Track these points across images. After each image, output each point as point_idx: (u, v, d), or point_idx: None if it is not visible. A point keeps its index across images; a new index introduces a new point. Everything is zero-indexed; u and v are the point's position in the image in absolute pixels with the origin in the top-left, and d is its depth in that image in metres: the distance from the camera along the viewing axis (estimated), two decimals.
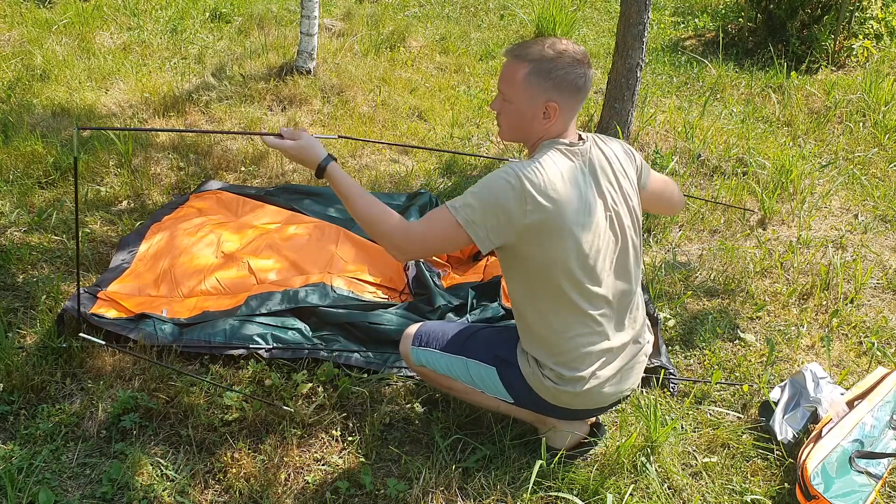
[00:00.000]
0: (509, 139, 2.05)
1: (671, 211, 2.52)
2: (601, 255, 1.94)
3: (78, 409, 2.29)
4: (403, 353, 2.24)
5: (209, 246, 3.09)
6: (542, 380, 2.00)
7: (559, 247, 1.88)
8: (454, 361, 2.14)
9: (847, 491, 2.05)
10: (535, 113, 1.93)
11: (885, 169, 4.25)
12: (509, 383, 2.08)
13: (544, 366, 2.00)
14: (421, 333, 2.22)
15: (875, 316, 3.00)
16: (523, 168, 1.86)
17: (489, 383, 2.11)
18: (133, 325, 2.57)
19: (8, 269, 2.94)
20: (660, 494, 2.09)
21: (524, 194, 1.83)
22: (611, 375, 2.01)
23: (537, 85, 1.90)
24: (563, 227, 1.87)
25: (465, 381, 2.14)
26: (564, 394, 2.00)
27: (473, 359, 2.12)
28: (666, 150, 4.27)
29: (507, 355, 2.08)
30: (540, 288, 1.94)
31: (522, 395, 2.08)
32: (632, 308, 2.07)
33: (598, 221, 1.93)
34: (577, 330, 1.96)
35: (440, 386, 2.26)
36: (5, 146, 3.84)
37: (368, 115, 4.69)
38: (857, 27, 5.89)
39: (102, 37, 5.66)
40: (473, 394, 2.17)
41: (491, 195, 1.86)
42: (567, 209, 1.86)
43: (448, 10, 7.28)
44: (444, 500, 2.06)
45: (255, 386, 2.41)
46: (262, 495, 2.04)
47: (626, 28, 4.01)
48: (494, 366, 2.09)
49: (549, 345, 1.98)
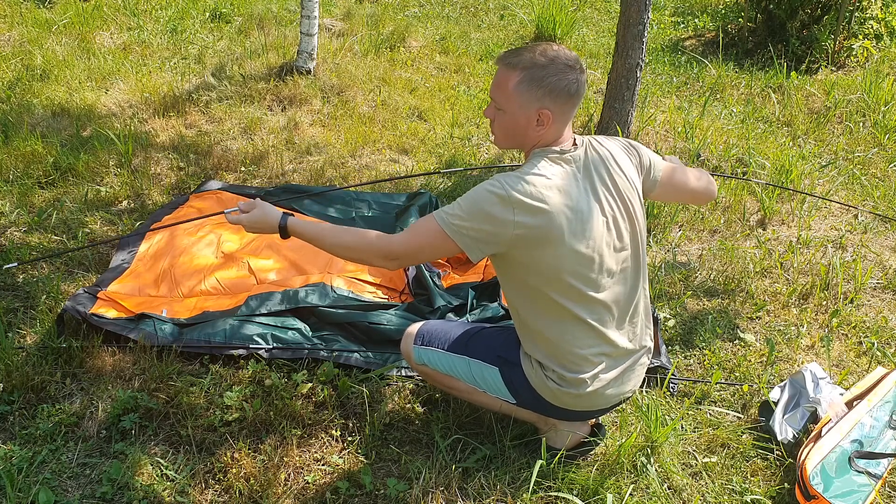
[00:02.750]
0: (505, 146, 2.05)
1: (699, 201, 2.38)
2: (598, 260, 1.92)
3: (78, 409, 2.29)
4: (405, 352, 2.24)
5: (209, 246, 3.09)
6: (546, 381, 2.00)
7: (552, 255, 1.87)
8: (457, 361, 2.14)
9: (846, 491, 2.05)
10: (529, 121, 1.90)
11: (884, 169, 4.25)
12: (512, 384, 2.08)
13: (547, 367, 1.99)
14: (423, 332, 2.21)
15: (875, 316, 3.00)
16: (511, 179, 1.86)
17: (491, 383, 2.11)
18: (133, 325, 2.57)
19: (8, 269, 2.94)
20: (660, 494, 2.09)
21: (511, 205, 1.82)
22: (613, 378, 2.01)
23: (529, 93, 1.87)
24: (555, 236, 1.85)
25: (468, 380, 2.14)
26: (566, 395, 2.00)
27: (476, 359, 2.12)
28: (666, 150, 4.27)
29: (509, 356, 2.08)
30: (536, 295, 1.93)
31: (525, 395, 2.08)
32: (634, 311, 2.05)
33: (595, 227, 1.91)
34: (575, 335, 1.95)
35: (441, 385, 2.26)
36: (5, 146, 3.84)
37: (368, 115, 4.69)
38: (857, 27, 5.89)
39: (102, 37, 5.66)
40: (475, 394, 2.17)
41: (477, 205, 1.85)
42: (558, 217, 1.85)
43: (448, 10, 7.28)
44: (444, 500, 2.06)
45: (255, 386, 2.41)
46: (262, 495, 2.04)
47: (626, 28, 4.01)
48: (497, 366, 2.09)
49: (549, 348, 1.98)
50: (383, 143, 4.37)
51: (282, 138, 4.29)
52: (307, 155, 4.16)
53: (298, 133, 4.40)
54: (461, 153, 4.26)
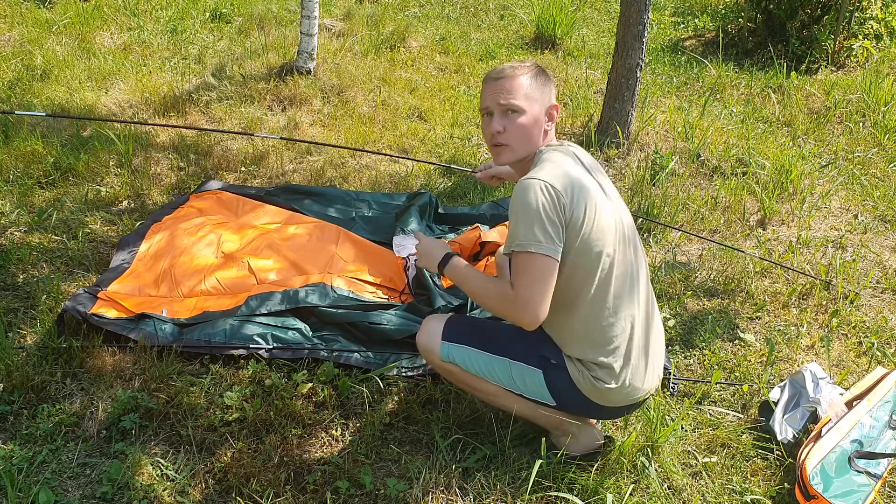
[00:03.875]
0: (514, 157, 2.06)
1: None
2: (617, 237, 1.98)
3: (78, 409, 2.29)
4: (426, 348, 2.12)
5: (209, 246, 3.09)
6: (594, 382, 1.98)
7: (590, 231, 1.91)
8: (496, 363, 2.06)
9: (846, 491, 2.05)
10: (542, 118, 2.05)
11: (884, 169, 4.25)
12: (555, 386, 2.03)
13: (589, 364, 1.98)
14: (451, 328, 2.11)
15: (875, 316, 3.00)
16: (541, 176, 1.89)
17: (531, 386, 2.05)
18: (133, 325, 2.57)
19: (8, 269, 2.94)
20: (660, 494, 2.09)
21: (556, 196, 1.87)
22: (643, 365, 2.02)
23: (543, 89, 2.04)
24: (585, 215, 1.90)
25: (506, 383, 2.07)
26: (608, 390, 1.98)
27: (518, 360, 2.05)
28: (666, 150, 4.27)
29: (553, 357, 2.03)
30: (576, 276, 1.94)
31: (567, 398, 2.03)
32: (646, 288, 2.08)
33: (604, 205, 1.98)
34: (609, 316, 1.96)
35: (465, 385, 2.16)
36: (5, 146, 3.85)
37: (368, 115, 4.69)
38: (857, 27, 5.89)
39: (102, 37, 5.66)
40: (502, 396, 2.10)
41: (534, 212, 1.86)
42: (583, 198, 1.91)
43: (448, 10, 7.29)
44: (444, 500, 2.06)
45: (255, 386, 2.41)
46: (262, 495, 2.04)
47: (626, 28, 4.01)
48: (541, 369, 2.03)
49: (586, 336, 1.97)
50: (383, 143, 4.37)
51: None
52: (307, 155, 4.16)
53: (298, 133, 4.40)
54: (461, 153, 4.26)
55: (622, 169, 4.11)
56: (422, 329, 2.15)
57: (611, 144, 4.24)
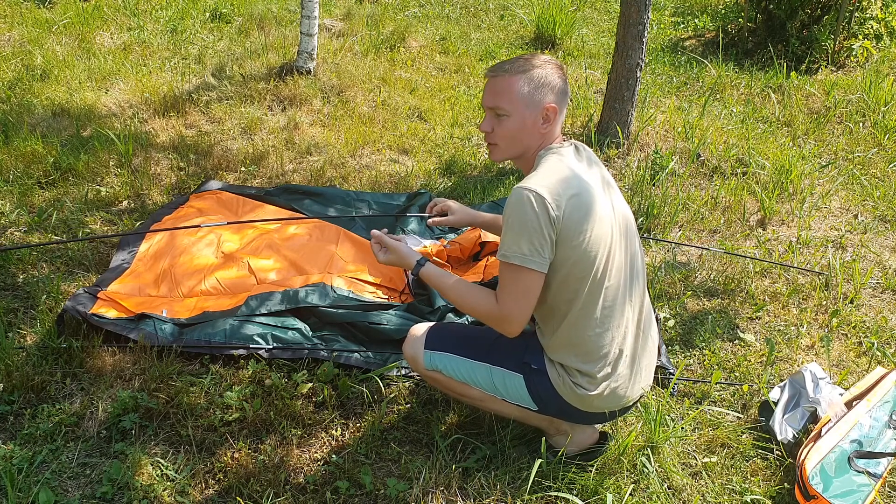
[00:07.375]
0: (505, 157, 2.06)
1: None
2: (612, 247, 1.95)
3: (78, 409, 2.29)
4: (411, 357, 2.16)
5: (209, 246, 3.09)
6: (574, 388, 1.98)
7: (581, 242, 1.89)
8: (477, 368, 2.08)
9: (846, 490, 2.05)
10: (536, 119, 1.98)
11: (884, 169, 4.25)
12: (536, 391, 2.04)
13: (570, 370, 1.98)
14: (433, 336, 2.14)
15: (875, 316, 3.00)
16: (534, 185, 1.87)
17: (513, 391, 2.06)
18: (133, 325, 2.57)
19: (8, 269, 2.94)
20: (660, 494, 2.09)
21: (546, 209, 1.85)
22: (628, 374, 2.02)
23: (534, 92, 1.97)
24: (581, 225, 1.88)
25: (487, 388, 2.08)
26: (589, 397, 1.98)
27: (499, 366, 2.06)
28: (666, 150, 4.27)
29: (534, 362, 2.04)
30: (566, 287, 1.93)
31: (548, 402, 2.04)
32: (641, 299, 2.07)
33: (606, 213, 1.95)
34: (596, 327, 1.95)
35: (452, 392, 2.18)
36: (5, 146, 3.85)
37: (368, 115, 4.69)
38: (857, 27, 5.89)
39: (102, 37, 5.66)
40: (489, 401, 2.12)
41: (521, 223, 1.86)
42: (577, 209, 1.88)
43: (448, 10, 7.29)
44: (444, 500, 2.06)
45: (255, 386, 2.41)
46: (262, 495, 2.04)
47: (626, 28, 4.01)
48: (522, 374, 2.05)
49: (572, 345, 1.97)
50: (383, 143, 4.37)
51: (282, 138, 4.29)
52: (307, 155, 4.16)
53: (298, 133, 4.40)
54: (461, 153, 4.26)
55: (622, 169, 4.11)
56: (406, 339, 2.19)
57: (611, 144, 4.24)
